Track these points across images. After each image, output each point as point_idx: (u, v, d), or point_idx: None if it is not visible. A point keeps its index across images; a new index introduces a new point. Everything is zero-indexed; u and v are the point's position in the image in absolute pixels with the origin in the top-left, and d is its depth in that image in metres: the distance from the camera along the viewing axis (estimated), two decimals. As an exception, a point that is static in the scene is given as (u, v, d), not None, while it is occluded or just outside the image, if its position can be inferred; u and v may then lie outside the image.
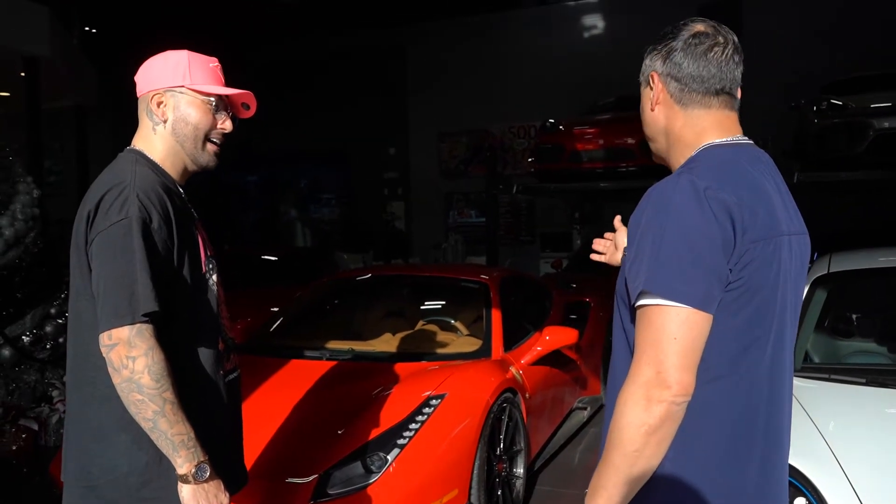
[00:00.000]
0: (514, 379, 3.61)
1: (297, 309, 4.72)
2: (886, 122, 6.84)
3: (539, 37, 12.59)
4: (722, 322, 1.21)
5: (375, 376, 3.42)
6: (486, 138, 13.03)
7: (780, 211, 1.29)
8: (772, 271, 1.25)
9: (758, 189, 1.27)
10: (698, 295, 1.17)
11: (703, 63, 1.34)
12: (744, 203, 1.22)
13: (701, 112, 1.36)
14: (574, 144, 7.79)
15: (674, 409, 1.16)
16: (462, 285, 4.58)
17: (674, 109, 1.38)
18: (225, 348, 1.71)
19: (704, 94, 1.35)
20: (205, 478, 1.50)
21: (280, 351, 3.87)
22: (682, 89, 1.36)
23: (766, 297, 1.25)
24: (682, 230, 1.19)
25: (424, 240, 13.21)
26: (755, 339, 1.25)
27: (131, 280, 1.44)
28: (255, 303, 5.97)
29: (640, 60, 1.46)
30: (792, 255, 1.30)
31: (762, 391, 1.28)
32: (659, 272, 1.19)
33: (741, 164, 1.30)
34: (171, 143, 1.67)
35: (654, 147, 1.47)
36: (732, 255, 1.20)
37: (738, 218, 1.20)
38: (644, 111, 1.45)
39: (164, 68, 1.67)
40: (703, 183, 1.22)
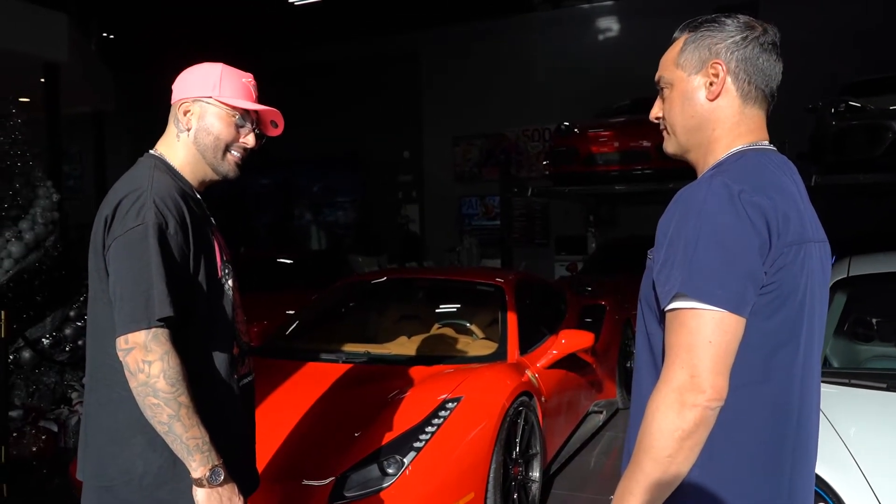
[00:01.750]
0: (530, 382, 3.60)
1: (313, 312, 4.74)
2: (908, 123, 6.77)
3: (553, 40, 12.58)
4: (754, 326, 1.20)
5: (391, 379, 3.43)
6: (500, 141, 13.04)
7: (806, 217, 1.28)
8: (802, 276, 1.24)
9: (788, 194, 1.26)
10: (734, 298, 1.16)
11: (772, 61, 1.31)
12: (778, 207, 1.20)
13: (756, 112, 1.33)
14: (589, 147, 7.77)
15: (708, 413, 1.14)
16: (477, 288, 4.57)
17: (734, 104, 1.31)
18: (240, 352, 1.72)
19: (765, 94, 1.32)
20: (219, 481, 1.51)
21: (296, 354, 3.88)
22: (751, 84, 1.31)
23: (797, 302, 1.24)
24: (718, 233, 1.17)
25: (439, 243, 13.23)
26: (785, 344, 1.24)
27: (147, 285, 1.46)
28: (271, 306, 6.01)
29: (655, 63, 1.42)
30: (816, 262, 1.29)
31: (793, 398, 1.26)
32: (694, 275, 1.17)
33: (770, 168, 1.28)
34: (193, 151, 1.70)
35: (685, 141, 1.38)
36: (767, 259, 1.19)
37: (774, 221, 1.19)
38: (691, 100, 1.34)
39: (197, 78, 1.71)
40: (738, 186, 1.19)
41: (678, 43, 1.37)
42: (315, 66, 14.01)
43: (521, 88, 12.66)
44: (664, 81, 1.40)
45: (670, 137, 1.41)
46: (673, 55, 1.38)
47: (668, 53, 1.40)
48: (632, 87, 10.01)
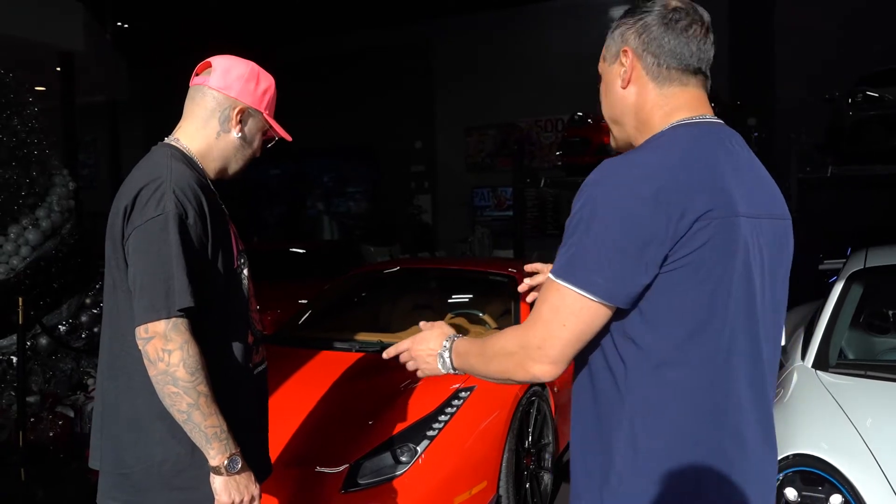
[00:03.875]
0: (542, 372, 3.60)
1: (326, 301, 4.75)
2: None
3: (567, 29, 12.50)
4: (665, 304, 1.16)
5: (404, 368, 3.42)
6: (513, 132, 12.99)
7: (741, 192, 1.21)
8: (729, 254, 1.17)
9: (714, 169, 1.20)
10: (604, 285, 1.15)
11: (683, 40, 1.28)
12: (690, 184, 1.16)
13: (676, 90, 1.29)
14: (602, 138, 7.72)
15: (533, 380, 1.25)
16: (490, 278, 4.57)
17: (647, 87, 1.30)
18: (254, 341, 1.73)
19: (683, 72, 1.29)
20: (237, 469, 1.52)
21: (309, 342, 3.90)
22: (660, 66, 1.29)
23: (718, 281, 1.17)
24: (608, 215, 1.15)
25: (451, 233, 13.22)
26: (704, 326, 1.17)
27: (168, 275, 1.47)
28: (284, 295, 6.04)
29: None
30: (761, 240, 1.23)
31: (724, 388, 1.19)
32: (576, 257, 1.17)
33: (701, 143, 1.23)
34: (229, 153, 1.73)
35: (619, 131, 1.37)
36: (667, 239, 1.13)
37: (675, 196, 1.14)
38: (611, 90, 1.36)
39: (258, 87, 1.73)
40: (640, 164, 1.18)
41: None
42: (327, 56, 14.00)
43: (534, 78, 12.59)
44: (600, 76, 1.41)
45: (611, 133, 1.42)
46: (603, 49, 1.39)
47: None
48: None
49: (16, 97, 5.19)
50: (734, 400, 1.20)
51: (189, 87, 1.72)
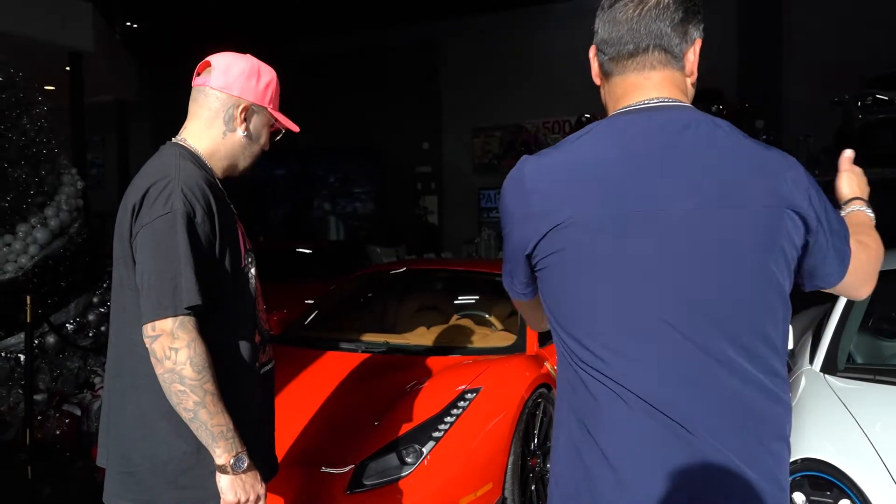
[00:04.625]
0: (549, 374, 3.59)
1: (332, 301, 4.76)
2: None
3: (574, 31, 12.46)
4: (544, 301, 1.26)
5: (410, 369, 3.44)
6: (519, 133, 12.99)
7: (653, 183, 1.14)
8: (616, 247, 1.14)
9: (607, 164, 1.16)
10: (506, 282, 1.34)
11: (612, 26, 1.23)
12: (571, 178, 1.16)
13: (617, 80, 1.24)
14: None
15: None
16: (496, 280, 4.56)
17: (603, 83, 1.29)
18: (261, 340, 1.73)
19: (617, 60, 1.23)
20: (242, 468, 1.52)
21: (316, 343, 3.90)
22: (602, 58, 1.26)
23: (596, 276, 1.15)
24: (501, 216, 1.28)
25: (457, 234, 13.23)
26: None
27: (175, 273, 1.47)
28: (290, 295, 6.05)
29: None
30: (681, 232, 1.13)
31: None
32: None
33: (613, 131, 1.19)
34: (236, 151, 1.72)
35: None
36: (537, 235, 1.18)
37: (542, 196, 1.18)
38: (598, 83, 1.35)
39: (259, 83, 1.72)
40: (525, 163, 1.23)
41: None
42: (334, 55, 14.03)
43: (541, 80, 12.59)
44: None
45: None
46: None
47: None
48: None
49: (25, 96, 5.20)
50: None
51: (192, 88, 1.73)
